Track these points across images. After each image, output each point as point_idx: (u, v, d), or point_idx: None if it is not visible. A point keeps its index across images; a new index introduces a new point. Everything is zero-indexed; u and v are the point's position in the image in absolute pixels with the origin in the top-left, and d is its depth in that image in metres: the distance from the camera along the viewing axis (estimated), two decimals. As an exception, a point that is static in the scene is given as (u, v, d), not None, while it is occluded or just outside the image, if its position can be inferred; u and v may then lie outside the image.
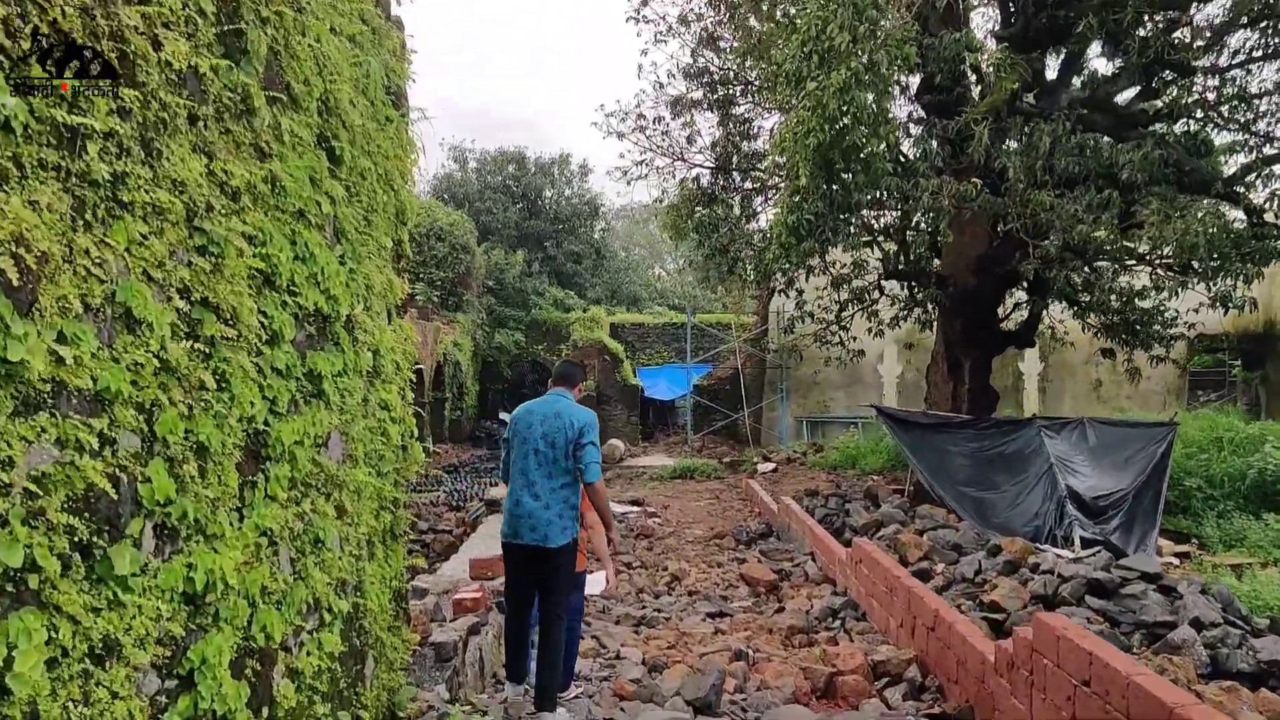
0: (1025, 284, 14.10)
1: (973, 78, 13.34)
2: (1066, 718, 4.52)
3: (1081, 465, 11.94)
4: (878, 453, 18.60)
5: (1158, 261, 12.58)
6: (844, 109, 9.91)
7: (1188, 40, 11.93)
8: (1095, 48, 13.53)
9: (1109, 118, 12.09)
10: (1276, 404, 21.75)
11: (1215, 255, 9.84)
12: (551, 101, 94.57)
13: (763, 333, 25.34)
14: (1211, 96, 13.46)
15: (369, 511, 3.77)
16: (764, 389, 25.48)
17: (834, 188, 10.50)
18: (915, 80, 13.96)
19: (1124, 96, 13.51)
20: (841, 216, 11.07)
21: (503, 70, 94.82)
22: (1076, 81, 13.85)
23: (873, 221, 14.89)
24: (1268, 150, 12.33)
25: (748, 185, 17.77)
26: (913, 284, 15.03)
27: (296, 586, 2.90)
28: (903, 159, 12.51)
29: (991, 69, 11.01)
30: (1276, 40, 12.57)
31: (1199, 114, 13.22)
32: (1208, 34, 12.62)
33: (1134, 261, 12.86)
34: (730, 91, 17.34)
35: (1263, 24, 12.39)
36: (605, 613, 8.36)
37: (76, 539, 1.85)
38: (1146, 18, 11.09)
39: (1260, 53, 12.87)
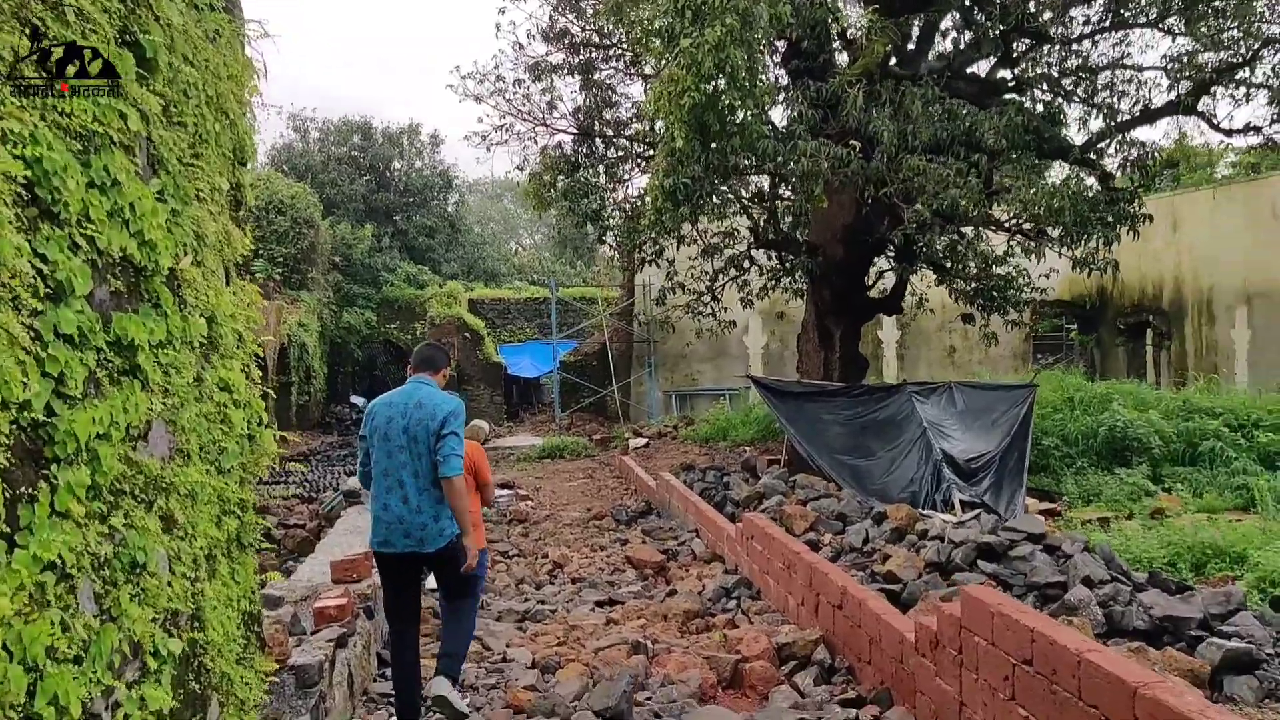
0: (892, 251, 14.17)
1: (837, 44, 13.20)
2: (1004, 698, 4.22)
3: (952, 429, 12.08)
4: (748, 423, 18.53)
5: (1017, 227, 12.80)
6: (719, 67, 9.48)
7: (1038, 10, 12.09)
8: (949, 20, 13.67)
9: (972, 85, 12.17)
10: (1109, 364, 23.18)
11: (1077, 218, 10.03)
12: (390, 81, 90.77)
13: (629, 306, 24.93)
14: (1055, 72, 13.83)
15: (207, 519, 3.00)
16: (631, 364, 25.12)
17: (710, 151, 10.06)
18: (782, 45, 13.72)
19: (981, 67, 13.70)
20: (717, 180, 10.67)
21: (335, 48, 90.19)
22: (936, 50, 13.97)
23: (742, 190, 14.64)
24: (1098, 125, 12.75)
25: (612, 154, 17.18)
26: (783, 253, 14.88)
27: (105, 632, 2.14)
28: (770, 126, 12.24)
29: (862, 32, 10.82)
30: (1115, 14, 12.97)
31: (1044, 86, 13.55)
32: (1057, 6, 12.89)
33: (994, 227, 13.06)
34: (591, 56, 16.66)
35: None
36: (484, 608, 7.68)
37: None
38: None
39: (1107, 22, 13.26)
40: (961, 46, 12.69)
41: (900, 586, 7.36)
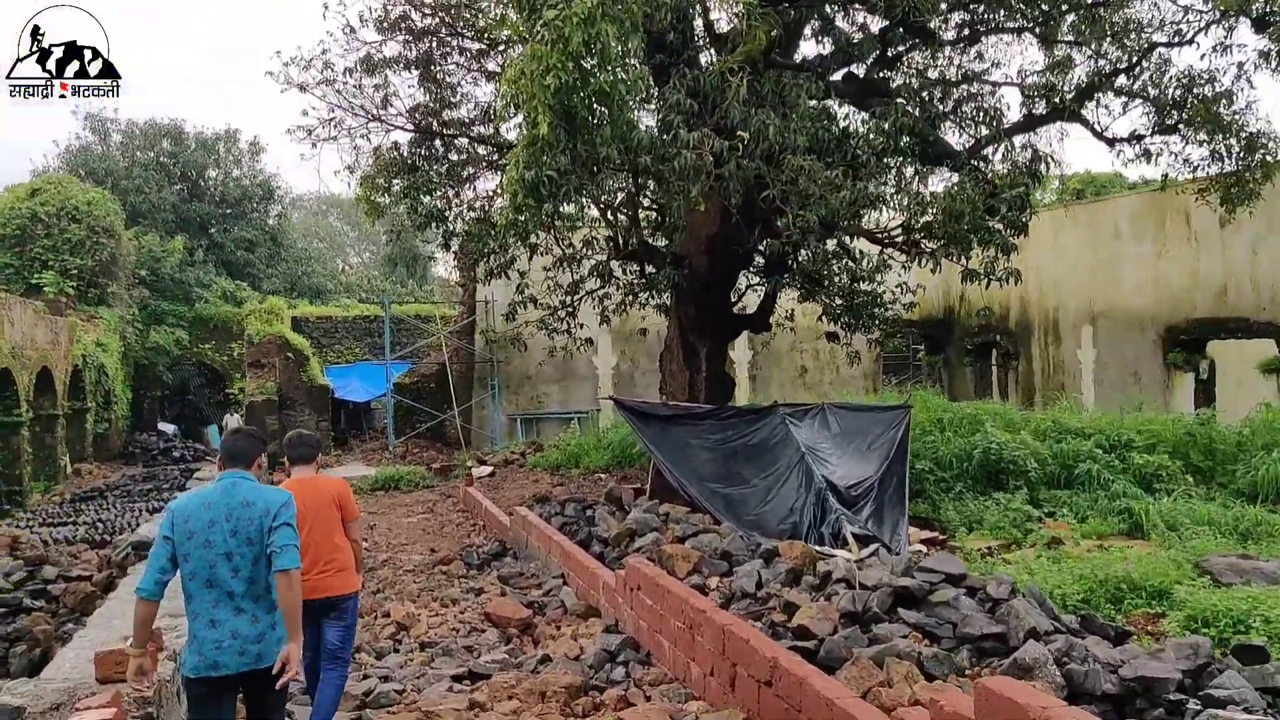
0: (762, 263, 13.37)
1: (702, 40, 12.32)
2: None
3: (829, 454, 11.35)
4: (601, 449, 17.32)
5: (892, 238, 12.24)
6: (589, 44, 8.32)
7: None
8: (809, 28, 13.07)
9: (850, 84, 11.53)
10: (957, 385, 23.43)
11: (974, 225, 9.46)
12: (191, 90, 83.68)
13: (471, 324, 23.30)
14: (916, 83, 13.47)
15: None
16: (473, 386, 23.46)
17: (579, 140, 8.85)
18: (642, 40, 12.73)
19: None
20: (585, 175, 9.47)
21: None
22: (800, 54, 13.34)
23: (602, 195, 13.49)
24: (984, 131, 12.41)
25: (453, 156, 15.69)
26: (645, 265, 13.81)
27: None
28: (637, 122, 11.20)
29: (740, 19, 9.91)
30: (976, 24, 12.72)
31: (905, 97, 13.16)
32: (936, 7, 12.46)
33: (868, 238, 12.47)
34: (431, 48, 15.11)
35: (971, 5, 12.47)
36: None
37: None
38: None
39: (966, 32, 12.98)
40: (833, 48, 12.00)
41: (815, 643, 6.26)
